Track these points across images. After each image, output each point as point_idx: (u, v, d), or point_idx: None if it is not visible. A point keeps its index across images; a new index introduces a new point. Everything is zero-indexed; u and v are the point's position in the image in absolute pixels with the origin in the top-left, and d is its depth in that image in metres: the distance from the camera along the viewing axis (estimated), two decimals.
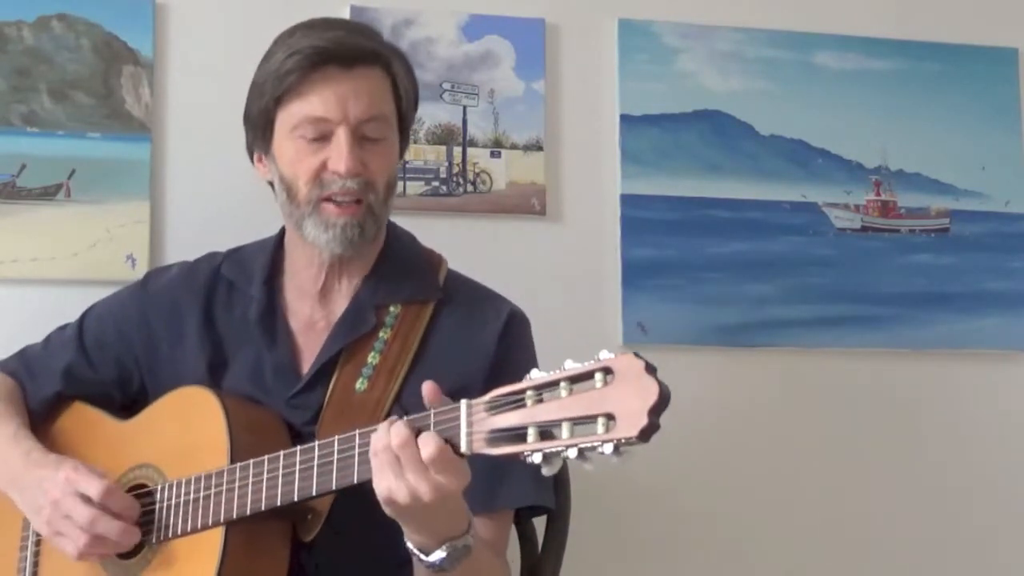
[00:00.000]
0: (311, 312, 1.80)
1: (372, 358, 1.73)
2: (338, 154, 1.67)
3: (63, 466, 1.69)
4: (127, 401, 1.87)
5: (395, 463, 1.40)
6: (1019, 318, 2.64)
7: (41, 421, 1.86)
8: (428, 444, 1.37)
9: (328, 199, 1.70)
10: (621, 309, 2.45)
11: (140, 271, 2.23)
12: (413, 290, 1.79)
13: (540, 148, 2.46)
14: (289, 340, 1.79)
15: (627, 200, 2.49)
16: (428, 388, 1.42)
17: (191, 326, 1.82)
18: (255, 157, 1.80)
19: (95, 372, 1.88)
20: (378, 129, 1.71)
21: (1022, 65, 2.71)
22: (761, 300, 2.53)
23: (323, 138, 1.69)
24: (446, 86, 2.43)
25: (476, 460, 1.43)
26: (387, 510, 1.44)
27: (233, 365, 1.80)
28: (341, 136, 1.68)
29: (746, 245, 2.53)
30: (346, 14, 2.38)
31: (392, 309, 1.77)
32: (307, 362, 1.77)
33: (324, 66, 1.68)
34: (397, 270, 1.80)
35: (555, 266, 2.45)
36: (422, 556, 1.48)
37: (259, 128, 1.75)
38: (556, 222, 2.47)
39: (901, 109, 2.64)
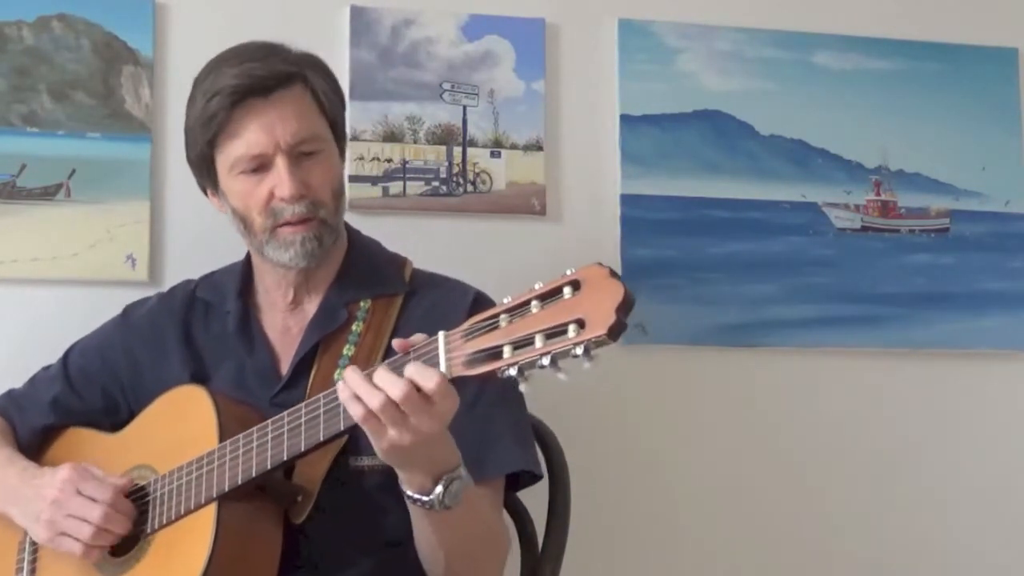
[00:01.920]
0: (284, 320, 1.85)
1: (347, 350, 1.78)
2: (280, 182, 1.72)
3: (60, 469, 1.74)
4: (116, 428, 1.89)
5: (398, 415, 1.42)
6: (1019, 318, 2.64)
7: (33, 452, 1.90)
8: (431, 378, 1.40)
9: (282, 224, 1.75)
10: None
11: (140, 271, 2.23)
12: (380, 286, 1.84)
13: (540, 148, 2.46)
14: (267, 346, 1.84)
15: (627, 200, 2.49)
16: (397, 343, 1.46)
17: (172, 346, 1.87)
18: (208, 193, 1.86)
19: (82, 402, 1.91)
20: (312, 144, 1.75)
21: (1022, 65, 2.71)
22: (761, 300, 2.53)
23: (263, 168, 1.74)
24: (446, 86, 2.43)
25: (462, 433, 1.50)
26: (387, 458, 1.48)
27: (216, 376, 1.83)
28: (279, 165, 1.72)
29: (746, 245, 2.53)
30: (346, 14, 2.38)
31: (363, 304, 1.82)
32: (285, 364, 1.82)
33: (244, 102, 1.71)
34: (363, 271, 1.85)
35: (555, 266, 2.41)
36: (423, 497, 1.52)
37: (202, 170, 1.81)
38: (556, 222, 2.47)
39: (901, 109, 2.64)
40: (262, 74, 1.72)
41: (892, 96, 2.64)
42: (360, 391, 1.43)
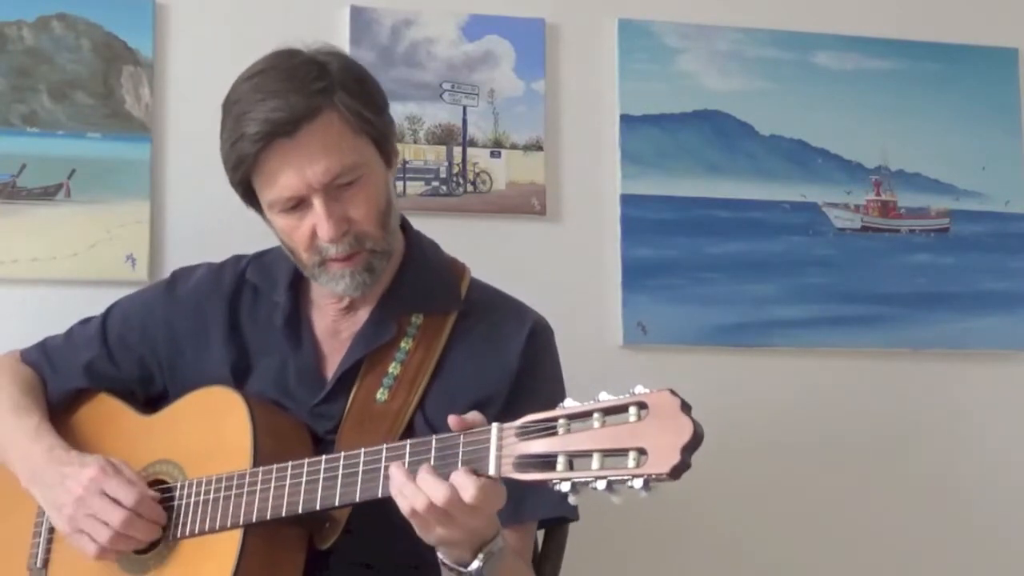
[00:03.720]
0: (335, 321, 1.79)
1: (393, 368, 1.72)
2: (320, 223, 1.65)
3: (88, 464, 1.69)
4: (148, 399, 1.87)
5: (444, 517, 1.41)
6: (1019, 318, 2.64)
7: (62, 413, 1.86)
8: (468, 488, 1.38)
9: (330, 260, 1.69)
10: (621, 309, 2.45)
11: (140, 271, 2.23)
12: (435, 300, 1.78)
13: (540, 148, 2.46)
14: (313, 345, 1.79)
15: (627, 200, 2.49)
16: (452, 420, 1.43)
17: (216, 331, 1.82)
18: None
19: (117, 370, 1.87)
20: (348, 175, 1.66)
21: (1022, 65, 2.71)
22: (761, 300, 2.53)
23: (302, 204, 1.66)
24: (446, 86, 2.44)
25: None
26: (430, 541, 1.47)
27: (257, 370, 1.79)
28: (316, 205, 1.64)
29: (746, 245, 2.53)
30: (346, 14, 2.38)
31: (414, 319, 1.76)
32: (331, 368, 1.77)
33: (270, 145, 1.63)
34: (419, 280, 1.79)
35: (555, 266, 2.45)
36: (461, 569, 1.49)
37: (245, 198, 1.74)
38: (556, 222, 2.47)
39: (901, 109, 2.64)
40: (284, 115, 1.62)
41: (892, 96, 2.64)
42: (405, 491, 1.42)
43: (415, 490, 1.41)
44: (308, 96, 1.64)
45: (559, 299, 2.41)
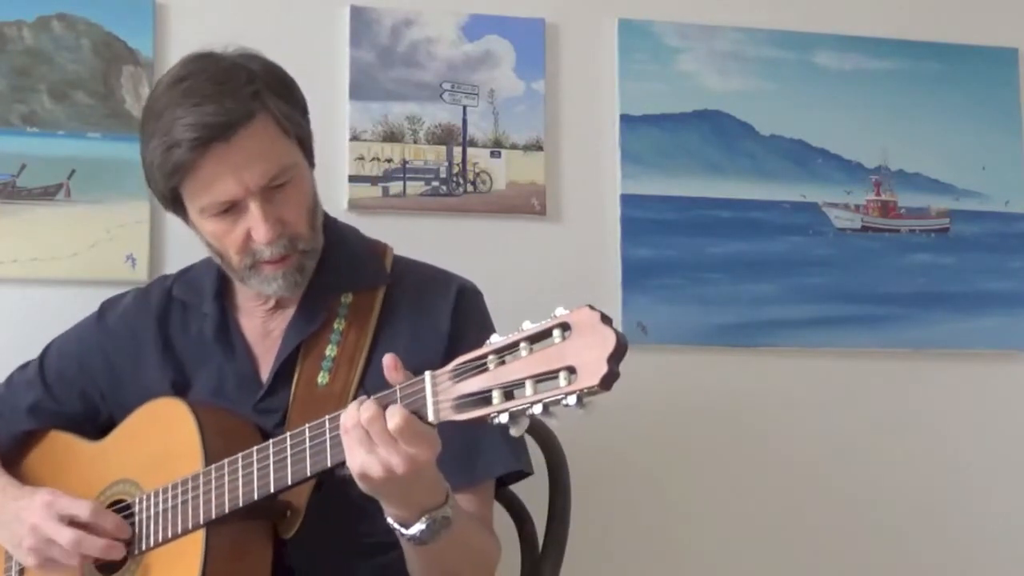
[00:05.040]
0: (264, 323, 1.81)
1: (330, 350, 1.74)
2: (256, 226, 1.65)
3: (39, 492, 1.72)
4: (98, 430, 1.87)
5: (365, 438, 1.41)
6: (1019, 318, 2.64)
7: (14, 456, 1.88)
8: (394, 416, 1.39)
9: (262, 263, 1.70)
10: (621, 309, 2.45)
11: (140, 271, 2.24)
12: (362, 278, 1.80)
13: (540, 148, 2.46)
14: (246, 350, 1.80)
15: (627, 200, 2.49)
16: (388, 360, 1.44)
17: (150, 351, 1.84)
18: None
19: (61, 406, 1.89)
20: (282, 176, 1.67)
21: (1022, 65, 2.71)
22: (761, 300, 2.53)
23: (235, 209, 1.66)
24: (446, 86, 2.43)
25: (449, 437, 1.46)
26: (362, 486, 1.46)
27: (196, 383, 1.81)
28: (252, 209, 1.65)
29: (746, 245, 2.53)
30: (346, 14, 2.38)
31: (343, 299, 1.78)
32: (266, 369, 1.78)
33: (207, 150, 1.62)
34: (342, 263, 1.80)
35: (555, 266, 2.45)
36: (402, 530, 1.50)
37: (168, 205, 1.73)
38: (556, 222, 2.47)
39: (901, 109, 2.64)
40: (221, 120, 1.61)
41: (892, 96, 2.64)
42: (345, 420, 1.44)
43: (352, 408, 1.43)
44: (242, 100, 1.64)
45: (559, 299, 2.40)
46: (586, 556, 2.14)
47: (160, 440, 1.72)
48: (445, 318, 1.76)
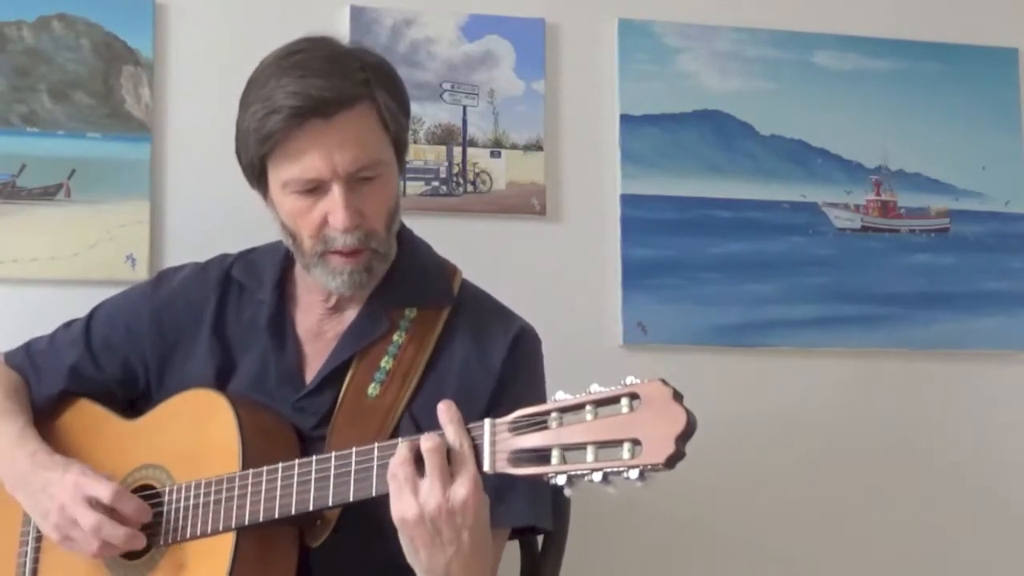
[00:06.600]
0: (320, 322, 1.78)
1: (385, 362, 1.72)
2: (335, 211, 1.63)
3: (70, 469, 1.69)
4: (128, 399, 1.86)
5: (412, 479, 1.41)
6: (1019, 318, 2.64)
7: (46, 417, 1.85)
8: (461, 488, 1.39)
9: (332, 252, 1.67)
10: (621, 309, 2.45)
11: (140, 271, 2.23)
12: (429, 295, 1.77)
13: (540, 148, 2.46)
14: (296, 346, 1.78)
15: (627, 200, 2.49)
16: (443, 408, 1.43)
17: (202, 330, 1.81)
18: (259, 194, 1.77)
19: (100, 371, 1.86)
20: (372, 170, 1.65)
21: (1022, 65, 2.71)
22: (761, 300, 2.53)
23: (318, 190, 1.65)
24: (446, 86, 2.44)
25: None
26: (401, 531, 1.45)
27: (240, 368, 1.78)
28: (335, 192, 1.63)
29: (746, 245, 2.54)
30: (346, 14, 2.38)
31: (407, 313, 1.75)
32: (311, 370, 1.76)
33: (305, 123, 1.61)
34: (412, 276, 1.78)
35: (555, 266, 2.45)
36: None
37: (252, 177, 1.72)
38: (556, 222, 2.47)
39: (901, 109, 2.64)
40: (328, 94, 1.60)
41: (892, 96, 2.64)
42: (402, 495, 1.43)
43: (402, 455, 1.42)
44: (351, 83, 1.63)
45: (559, 299, 2.42)
46: (586, 556, 2.14)
47: (198, 432, 1.70)
48: (498, 359, 1.73)
